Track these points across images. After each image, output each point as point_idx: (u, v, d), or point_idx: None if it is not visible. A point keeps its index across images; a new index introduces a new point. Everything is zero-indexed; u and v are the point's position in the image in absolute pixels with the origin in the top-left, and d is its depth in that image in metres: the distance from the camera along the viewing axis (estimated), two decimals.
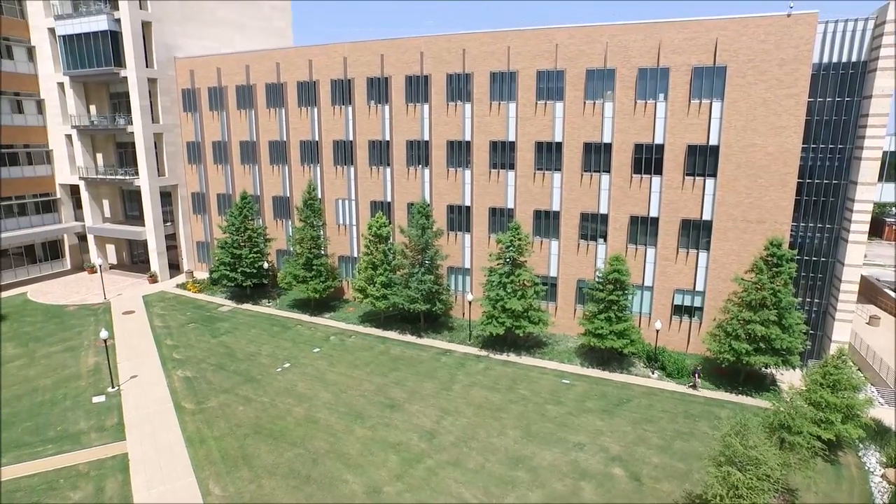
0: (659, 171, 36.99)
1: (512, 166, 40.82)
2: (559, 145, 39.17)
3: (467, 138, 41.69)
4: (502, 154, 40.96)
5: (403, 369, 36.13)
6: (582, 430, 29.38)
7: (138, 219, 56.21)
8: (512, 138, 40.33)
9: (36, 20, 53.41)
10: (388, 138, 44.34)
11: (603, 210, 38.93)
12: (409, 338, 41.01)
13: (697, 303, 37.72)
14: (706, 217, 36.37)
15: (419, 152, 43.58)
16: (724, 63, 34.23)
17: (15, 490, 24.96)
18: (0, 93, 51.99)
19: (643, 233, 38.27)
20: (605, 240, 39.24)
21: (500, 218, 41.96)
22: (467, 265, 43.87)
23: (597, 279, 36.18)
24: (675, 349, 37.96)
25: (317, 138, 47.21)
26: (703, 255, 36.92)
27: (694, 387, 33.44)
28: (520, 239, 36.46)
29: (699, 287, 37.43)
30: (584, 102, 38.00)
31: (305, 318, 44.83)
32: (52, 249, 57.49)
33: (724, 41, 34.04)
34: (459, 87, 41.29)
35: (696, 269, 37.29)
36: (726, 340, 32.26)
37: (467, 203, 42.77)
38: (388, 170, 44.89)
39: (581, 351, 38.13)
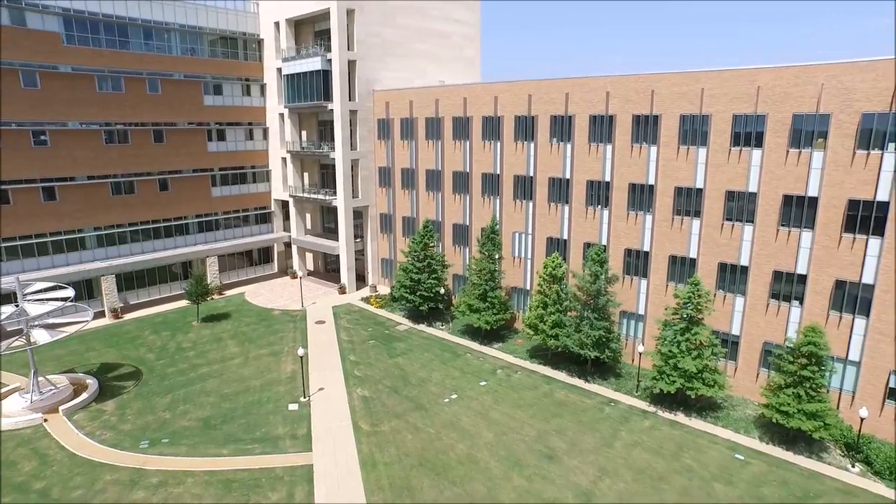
0: (880, 232, 32.22)
1: (697, 214, 38.38)
2: (753, 196, 35.94)
3: (650, 182, 40.08)
4: (688, 201, 38.70)
5: (566, 416, 36.03)
6: None
7: (333, 231, 62.87)
8: (699, 185, 37.92)
9: (268, 62, 62.35)
10: (568, 176, 44.28)
11: (801, 270, 34.95)
12: (575, 381, 40.70)
13: None
14: None
15: (599, 192, 42.88)
16: None
17: (232, 480, 29.73)
18: (238, 123, 61.92)
19: (851, 300, 33.62)
20: (801, 303, 35.20)
21: (681, 267, 39.73)
22: (641, 311, 42.23)
23: (787, 348, 32.71)
24: (887, 440, 32.87)
25: (498, 171, 48.71)
26: None
27: None
28: (699, 296, 34.32)
29: None
30: (788, 151, 34.40)
31: (475, 346, 46.63)
32: (264, 255, 66.78)
33: None
34: (646, 129, 39.81)
35: None
36: None
37: (646, 248, 41.15)
38: (567, 207, 44.82)
39: (761, 422, 34.65)
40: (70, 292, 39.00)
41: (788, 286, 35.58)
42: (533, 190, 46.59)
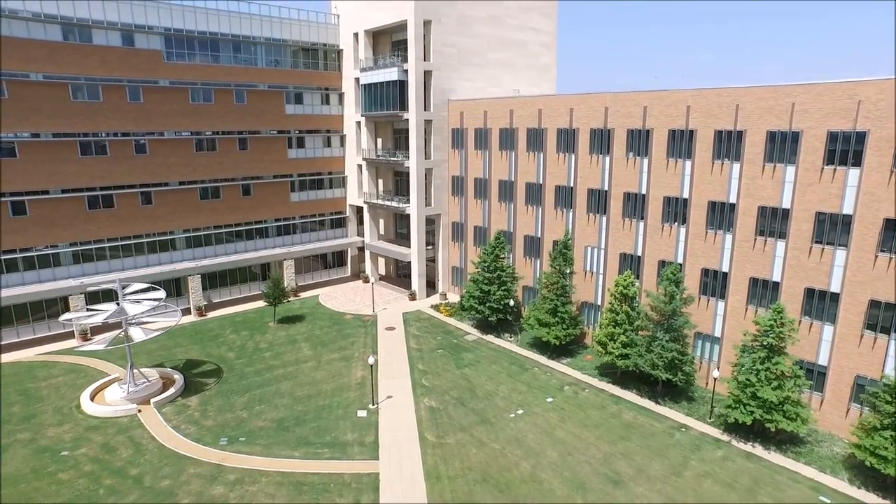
0: None
1: (783, 235, 36.40)
2: (848, 218, 33.72)
3: (732, 200, 38.37)
4: (772, 221, 36.77)
5: (634, 439, 35.17)
6: None
7: (406, 237, 64.05)
8: (786, 205, 35.95)
9: (346, 72, 64.34)
10: (644, 192, 43.12)
11: None
12: (644, 402, 39.63)
13: None
14: None
15: (676, 209, 41.51)
16: None
17: (303, 483, 30.98)
18: (317, 131, 64.36)
19: None
20: None
21: (763, 290, 37.83)
22: (717, 334, 40.54)
23: (884, 385, 30.45)
24: None
25: (572, 184, 48.08)
26: None
27: None
28: (782, 323, 32.56)
29: None
30: (892, 171, 32.02)
31: (543, 360, 46.28)
32: (338, 258, 68.93)
33: None
34: (728, 145, 38.16)
35: None
36: None
37: (724, 269, 39.45)
38: (642, 224, 43.67)
39: (851, 462, 32.44)
40: (162, 293, 41.89)
41: (887, 315, 33.11)
42: (607, 204, 45.68)
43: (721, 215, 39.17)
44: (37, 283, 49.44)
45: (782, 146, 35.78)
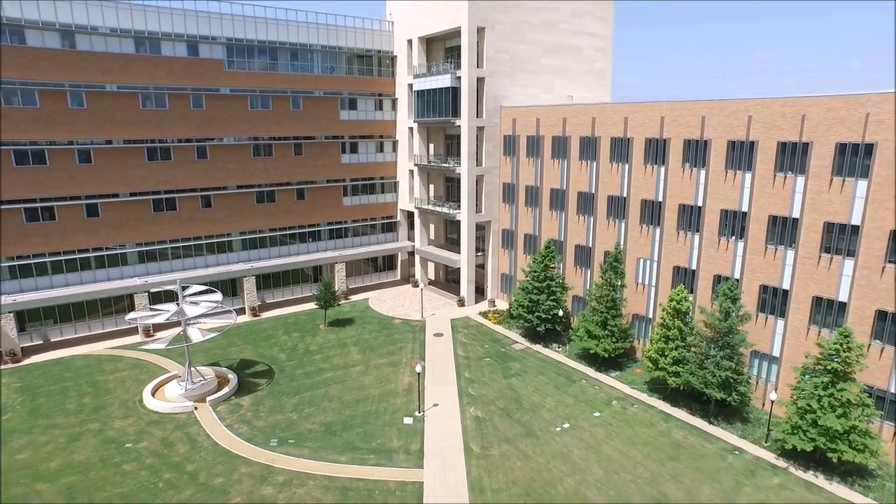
0: None
1: (851, 253, 34.56)
2: None
3: (795, 215, 36.71)
4: (840, 238, 34.97)
5: (683, 460, 34.14)
6: None
7: (456, 242, 64.24)
8: (855, 222, 34.11)
9: (400, 78, 65.08)
10: (700, 204, 41.80)
11: None
12: (695, 420, 38.42)
13: None
14: None
15: (734, 223, 40.05)
16: None
17: (349, 489, 31.56)
18: (370, 136, 65.41)
19: None
20: None
21: (827, 310, 36.01)
22: (775, 353, 38.88)
23: None
24: None
25: (625, 195, 47.10)
26: None
27: None
28: (849, 348, 30.89)
29: None
30: None
31: (591, 372, 45.56)
32: (389, 262, 69.81)
33: None
34: (793, 158, 36.51)
35: None
36: None
37: (785, 286, 37.79)
38: (697, 237, 42.35)
39: None
40: (219, 296, 43.53)
41: None
42: (661, 216, 44.52)
43: (783, 230, 37.53)
44: (106, 281, 52.30)
45: (853, 159, 33.98)
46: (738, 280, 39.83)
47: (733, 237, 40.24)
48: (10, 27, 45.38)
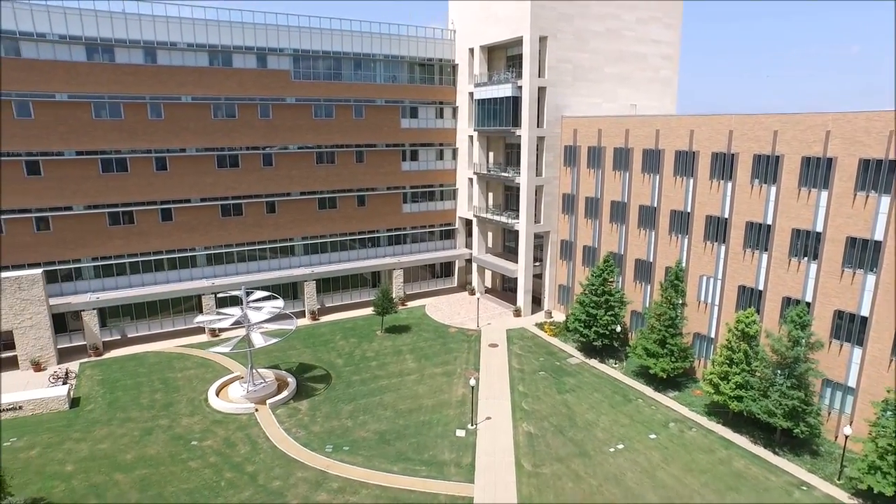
0: None
1: None
2: None
3: (878, 237, 34.49)
4: None
5: (744, 492, 32.72)
6: None
7: (514, 251, 63.98)
8: None
9: (461, 86, 65.38)
10: (769, 222, 39.95)
11: None
12: (758, 450, 36.73)
13: None
14: None
15: (806, 243, 38.06)
16: None
17: (401, 500, 31.88)
18: (430, 144, 66.06)
19: None
20: None
21: None
22: (851, 384, 36.67)
23: None
24: None
25: (689, 209, 45.60)
26: None
27: None
28: None
29: None
30: None
31: (648, 391, 44.38)
32: (446, 269, 70.22)
33: None
34: (877, 176, 34.31)
35: None
36: None
37: (864, 313, 35.57)
38: (765, 256, 40.51)
39: None
40: (280, 303, 45.09)
41: None
42: (726, 233, 42.82)
43: (862, 253, 35.36)
44: (177, 282, 55.16)
45: None
46: (809, 304, 37.83)
47: (805, 258, 38.23)
48: (102, 46, 48.68)
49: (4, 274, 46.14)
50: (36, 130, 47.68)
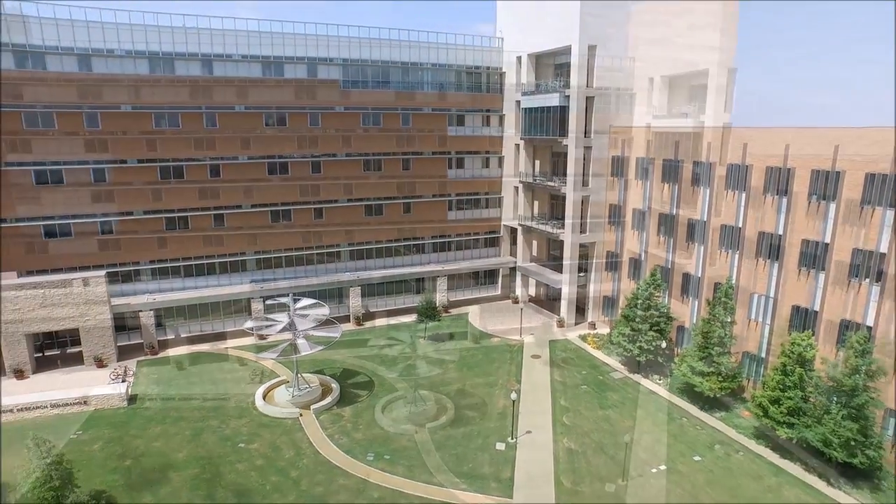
0: None
1: None
2: None
3: None
4: None
5: None
6: None
7: (558, 260, 63.40)
8: None
9: (507, 94, 65.26)
10: (827, 241, 38.35)
11: None
12: (812, 479, 35.26)
13: None
14: None
15: (869, 265, 36.34)
16: None
17: None
18: (476, 152, 66.22)
19: None
20: None
21: None
22: None
23: None
24: None
25: (740, 225, 44.24)
26: None
27: None
28: None
29: None
30: None
31: (693, 410, 43.27)
32: (489, 277, 70.11)
33: None
34: None
35: None
36: None
37: None
38: (822, 276, 38.93)
39: None
40: (326, 310, 46.22)
41: None
42: (780, 250, 41.32)
43: None
44: (228, 286, 57.11)
45: None
46: (870, 328, 36.12)
47: (867, 279, 36.53)
48: (164, 59, 50.96)
49: (73, 275, 48.78)
50: (102, 139, 50.44)
